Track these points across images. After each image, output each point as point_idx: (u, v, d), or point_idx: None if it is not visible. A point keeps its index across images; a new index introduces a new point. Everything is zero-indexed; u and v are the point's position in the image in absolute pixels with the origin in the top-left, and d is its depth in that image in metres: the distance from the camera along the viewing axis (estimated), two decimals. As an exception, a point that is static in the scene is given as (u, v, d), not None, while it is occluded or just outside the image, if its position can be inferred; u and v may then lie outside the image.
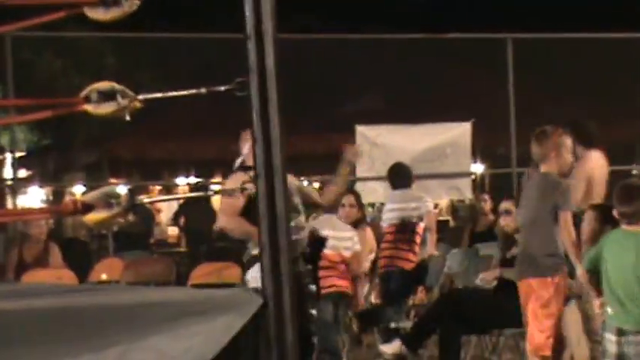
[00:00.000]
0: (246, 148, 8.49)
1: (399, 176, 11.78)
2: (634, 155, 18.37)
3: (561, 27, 16.02)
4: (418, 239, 11.43)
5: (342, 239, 10.20)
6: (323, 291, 9.33)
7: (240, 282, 10.43)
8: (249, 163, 8.42)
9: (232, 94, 4.82)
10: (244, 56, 4.72)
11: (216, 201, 19.65)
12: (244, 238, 8.41)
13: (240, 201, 8.25)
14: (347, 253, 10.18)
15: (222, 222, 8.56)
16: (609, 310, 7.47)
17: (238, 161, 8.70)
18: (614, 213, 7.60)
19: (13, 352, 4.17)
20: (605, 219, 8.24)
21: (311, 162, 17.65)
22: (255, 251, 8.16)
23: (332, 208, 10.19)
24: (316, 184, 14.36)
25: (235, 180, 8.50)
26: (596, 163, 10.23)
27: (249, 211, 8.14)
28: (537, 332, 8.56)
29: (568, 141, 9.05)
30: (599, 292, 7.71)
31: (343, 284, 10.11)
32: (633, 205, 7.44)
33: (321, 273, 9.17)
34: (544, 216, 8.62)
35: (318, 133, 18.74)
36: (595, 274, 7.71)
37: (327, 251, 9.77)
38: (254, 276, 8.16)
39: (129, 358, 4.27)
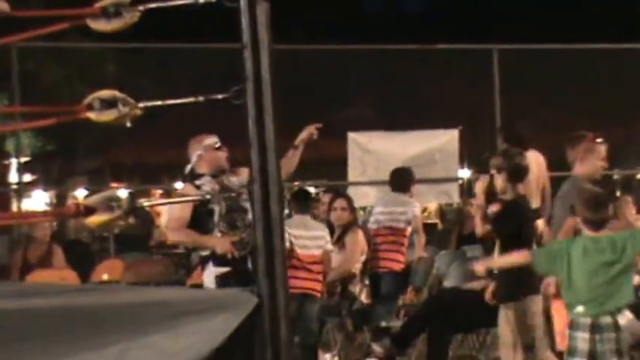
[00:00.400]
0: (195, 155, 8.54)
1: (400, 179, 11.82)
2: (615, 161, 18.36)
3: (544, 38, 16.07)
4: (406, 242, 11.45)
5: (313, 238, 10.17)
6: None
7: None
8: (200, 170, 8.46)
9: (229, 101, 4.82)
10: (240, 65, 4.73)
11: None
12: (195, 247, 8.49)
13: (186, 212, 8.28)
14: (318, 252, 10.14)
15: (171, 236, 8.62)
16: (580, 308, 7.48)
17: (188, 168, 8.72)
18: (578, 220, 7.63)
19: (16, 350, 4.16)
20: None
21: (304, 167, 17.65)
22: (204, 253, 8.22)
23: (304, 210, 10.17)
24: (312, 189, 14.35)
25: (184, 191, 8.56)
26: (531, 163, 10.37)
27: (196, 221, 8.21)
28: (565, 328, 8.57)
29: (600, 147, 9.07)
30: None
31: (309, 285, 10.04)
32: (600, 213, 7.48)
33: (290, 272, 9.20)
34: (564, 216, 8.62)
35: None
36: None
37: (299, 251, 9.79)
38: (206, 278, 8.27)
39: (129, 356, 4.27)
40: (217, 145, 8.58)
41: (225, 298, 4.77)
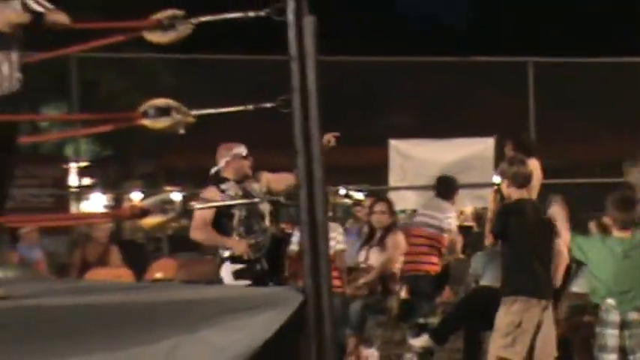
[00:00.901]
0: (223, 161, 8.68)
1: (445, 187, 11.82)
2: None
3: (578, 52, 15.98)
4: (444, 245, 11.43)
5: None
6: None
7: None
8: (226, 174, 8.56)
9: (277, 110, 4.83)
10: (288, 76, 4.73)
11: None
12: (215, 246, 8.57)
13: (209, 213, 8.37)
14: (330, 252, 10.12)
15: (192, 234, 8.69)
16: (611, 301, 7.47)
17: (213, 171, 8.87)
18: (607, 219, 7.63)
19: (76, 343, 4.18)
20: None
21: (347, 173, 17.66)
22: (225, 253, 8.34)
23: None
24: (360, 195, 14.37)
25: (210, 194, 8.64)
26: (536, 170, 10.41)
27: (217, 222, 8.30)
28: None
29: None
30: None
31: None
32: (629, 213, 7.51)
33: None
34: None
35: (354, 146, 18.73)
36: None
37: None
38: (224, 274, 8.39)
39: (180, 350, 4.28)
40: (244, 154, 8.77)
41: (272, 295, 4.77)
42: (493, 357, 8.25)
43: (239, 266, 8.29)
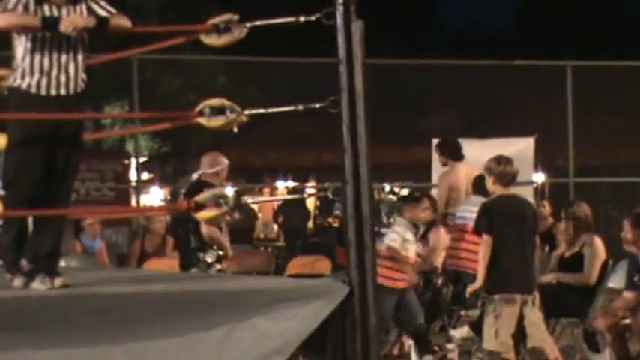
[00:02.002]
0: (217, 168, 8.82)
1: (480, 185, 11.77)
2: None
3: (616, 55, 15.87)
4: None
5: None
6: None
7: (329, 273, 10.45)
8: (213, 181, 8.65)
9: (326, 110, 4.84)
10: (336, 78, 4.74)
11: (309, 203, 19.72)
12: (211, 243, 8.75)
13: None
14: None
15: (204, 229, 8.78)
16: None
17: (195, 176, 9.03)
18: None
19: (133, 330, 4.21)
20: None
21: (392, 170, 17.63)
22: (209, 259, 8.54)
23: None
24: (405, 191, 14.35)
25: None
26: (460, 173, 11.05)
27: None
28: None
29: None
30: None
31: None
32: None
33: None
34: None
35: (399, 145, 18.68)
36: None
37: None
38: None
39: (233, 337, 4.29)
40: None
41: (319, 286, 4.78)
42: (485, 348, 8.30)
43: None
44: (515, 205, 8.38)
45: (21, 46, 5.22)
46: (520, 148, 15.18)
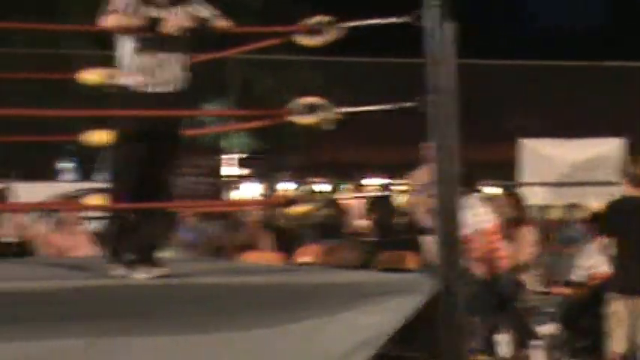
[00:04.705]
0: None
1: None
2: None
3: None
4: None
5: None
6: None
7: (418, 268, 10.40)
8: None
9: (415, 109, 4.83)
10: (426, 78, 4.73)
11: (399, 199, 19.64)
12: None
13: None
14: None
15: None
16: None
17: None
18: None
19: (226, 320, 4.24)
20: None
21: (478, 169, 17.49)
22: None
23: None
24: (490, 189, 14.25)
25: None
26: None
27: None
28: None
29: None
30: None
31: None
32: None
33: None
34: None
35: (485, 143, 18.56)
36: None
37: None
38: None
39: (322, 329, 4.30)
40: None
41: (407, 281, 4.77)
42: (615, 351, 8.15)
43: None
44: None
45: (126, 46, 5.32)
46: (607, 148, 14.99)
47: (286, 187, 19.26)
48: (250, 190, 21.16)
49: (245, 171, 22.02)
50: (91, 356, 3.97)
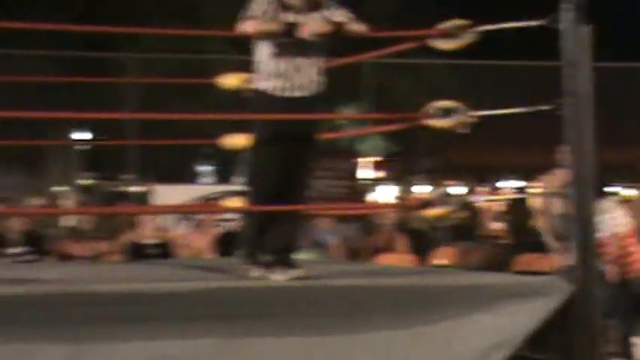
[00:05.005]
0: None
1: None
2: None
3: None
4: None
5: None
6: None
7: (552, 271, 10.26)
8: None
9: (552, 112, 4.77)
10: (562, 81, 4.67)
11: (535, 202, 19.39)
12: None
13: None
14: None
15: None
16: None
17: None
18: None
19: (360, 321, 4.26)
20: None
21: (616, 171, 17.16)
22: None
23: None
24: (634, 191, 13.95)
25: None
26: None
27: None
28: None
29: None
30: None
31: None
32: None
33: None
34: None
35: (621, 145, 18.19)
36: None
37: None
38: None
39: (457, 331, 4.29)
40: None
41: (543, 284, 4.71)
42: None
43: None
44: None
45: (264, 50, 5.39)
46: None
47: (421, 190, 19.21)
48: (385, 193, 21.19)
49: (380, 174, 22.06)
50: (227, 356, 4.04)
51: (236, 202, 5.76)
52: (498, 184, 20.87)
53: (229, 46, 15.01)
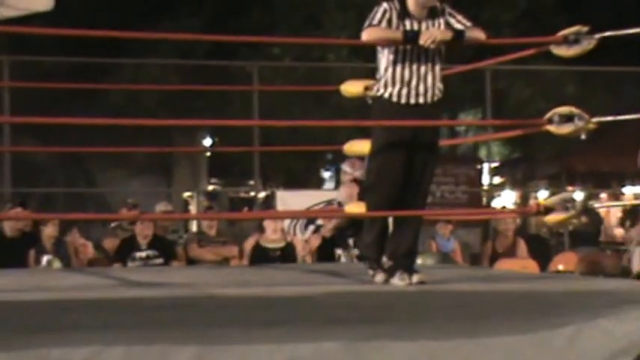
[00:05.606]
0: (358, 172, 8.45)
1: None
2: None
3: None
4: None
5: None
6: None
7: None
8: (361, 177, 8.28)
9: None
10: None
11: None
12: None
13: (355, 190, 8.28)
14: None
15: None
16: None
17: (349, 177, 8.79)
18: None
19: (479, 325, 4.21)
20: None
21: None
22: None
23: None
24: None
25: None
26: None
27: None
28: None
29: None
30: None
31: None
32: None
33: None
34: None
35: None
36: None
37: None
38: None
39: (579, 336, 4.21)
40: None
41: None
42: None
43: None
44: None
45: (384, 58, 5.40)
46: None
47: (542, 195, 18.95)
48: (506, 199, 20.97)
49: (501, 179, 21.83)
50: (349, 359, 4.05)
51: (358, 208, 5.77)
52: (620, 190, 20.44)
53: (352, 54, 15.06)
